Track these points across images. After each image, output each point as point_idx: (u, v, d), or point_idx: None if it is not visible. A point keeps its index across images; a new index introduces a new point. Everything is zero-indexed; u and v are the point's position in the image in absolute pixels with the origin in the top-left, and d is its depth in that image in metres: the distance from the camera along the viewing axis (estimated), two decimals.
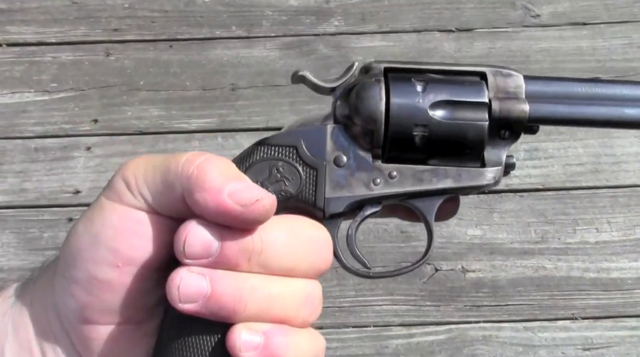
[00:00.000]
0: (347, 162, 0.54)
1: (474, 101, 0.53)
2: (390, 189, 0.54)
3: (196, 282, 0.46)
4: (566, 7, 1.79)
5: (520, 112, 0.54)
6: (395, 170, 0.54)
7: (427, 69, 0.55)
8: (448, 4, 1.80)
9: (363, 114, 0.53)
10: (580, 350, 1.39)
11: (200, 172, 0.46)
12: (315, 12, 1.78)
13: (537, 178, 1.55)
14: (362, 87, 0.54)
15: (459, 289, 1.44)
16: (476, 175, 0.55)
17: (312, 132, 0.55)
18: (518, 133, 0.55)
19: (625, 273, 1.46)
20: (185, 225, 0.46)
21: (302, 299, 0.50)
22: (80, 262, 0.47)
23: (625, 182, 1.55)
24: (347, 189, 0.54)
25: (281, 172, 0.53)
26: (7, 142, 1.60)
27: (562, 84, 0.56)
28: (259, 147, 0.54)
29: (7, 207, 1.52)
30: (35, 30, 1.75)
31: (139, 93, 1.66)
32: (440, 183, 0.54)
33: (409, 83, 0.54)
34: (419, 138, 0.53)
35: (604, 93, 0.55)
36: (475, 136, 0.53)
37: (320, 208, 0.53)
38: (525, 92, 0.55)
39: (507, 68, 0.56)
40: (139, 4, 1.79)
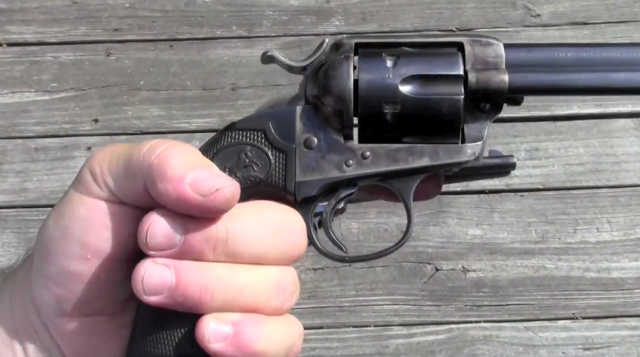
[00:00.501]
0: (318, 144, 0.51)
1: (448, 74, 0.51)
2: (363, 170, 0.52)
3: (160, 273, 0.45)
4: (567, 6, 1.79)
5: (500, 82, 0.51)
6: (368, 150, 0.51)
7: (401, 42, 0.53)
8: (448, 3, 1.80)
9: (331, 93, 0.51)
10: (580, 350, 1.39)
11: (161, 161, 0.45)
12: (316, 12, 1.78)
13: (537, 178, 1.55)
14: (330, 65, 0.52)
15: (459, 289, 1.44)
16: (454, 152, 0.52)
17: (280, 114, 0.53)
18: (499, 105, 0.52)
19: (625, 273, 1.46)
20: (148, 216, 0.46)
21: (273, 287, 0.48)
22: (52, 256, 0.47)
23: (626, 182, 1.55)
24: (318, 171, 0.51)
25: (249, 157, 0.51)
26: (8, 142, 1.60)
27: (545, 50, 0.53)
28: (227, 132, 0.52)
29: (8, 207, 1.52)
30: (36, 30, 1.75)
31: (139, 93, 1.66)
32: (416, 162, 0.52)
33: (379, 58, 0.51)
34: (391, 115, 0.51)
35: (590, 58, 0.52)
36: (451, 111, 0.51)
37: (291, 192, 0.51)
38: (505, 61, 0.52)
39: (487, 36, 0.53)
40: (140, 4, 1.79)
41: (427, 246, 1.48)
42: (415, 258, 1.46)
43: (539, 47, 0.53)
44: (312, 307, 1.41)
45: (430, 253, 1.47)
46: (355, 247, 1.45)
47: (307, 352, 1.39)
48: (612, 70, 0.52)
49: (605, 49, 0.53)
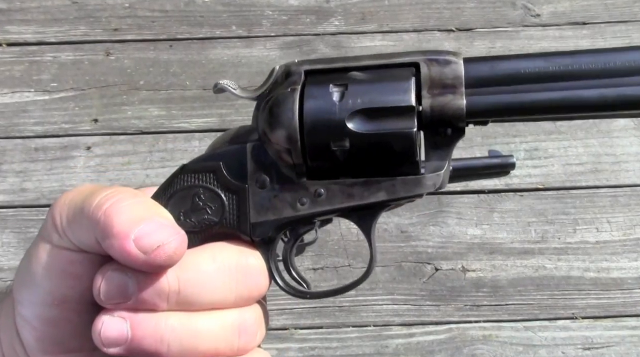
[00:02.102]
0: (271, 183, 0.49)
1: (398, 106, 0.47)
2: (318, 208, 0.49)
3: (117, 326, 0.46)
4: (566, 6, 1.79)
5: (456, 109, 0.47)
6: (322, 187, 0.49)
7: (352, 66, 0.49)
8: (448, 3, 1.80)
9: (277, 131, 0.48)
10: (580, 350, 1.39)
11: (107, 218, 0.45)
12: (316, 12, 1.78)
13: (537, 178, 1.55)
14: (275, 102, 0.49)
15: (459, 289, 1.44)
16: (412, 185, 0.48)
17: (231, 153, 0.50)
18: (460, 128, 0.48)
19: (625, 273, 1.46)
20: (100, 272, 0.46)
21: (234, 331, 0.48)
22: (24, 301, 0.48)
23: (626, 182, 1.55)
24: (272, 211, 0.49)
25: (203, 200, 0.50)
26: (7, 141, 1.60)
27: (509, 63, 0.47)
28: (179, 175, 0.51)
29: (7, 206, 1.52)
30: (35, 30, 1.75)
31: (139, 93, 1.66)
32: (372, 197, 0.49)
33: (325, 91, 0.48)
34: (340, 152, 0.48)
35: (559, 71, 0.46)
36: (403, 145, 0.47)
37: (247, 234, 0.50)
38: (465, 81, 0.47)
39: (446, 52, 0.49)
40: (139, 4, 1.79)
41: (426, 245, 1.48)
42: (414, 258, 1.46)
43: (502, 60, 0.48)
44: (311, 307, 1.41)
45: (429, 253, 1.47)
46: (355, 248, 1.45)
47: (306, 352, 1.39)
48: (584, 86, 0.46)
49: (575, 57, 0.47)
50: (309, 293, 0.55)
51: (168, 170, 1.55)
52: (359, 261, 1.45)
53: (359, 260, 1.45)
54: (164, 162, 1.57)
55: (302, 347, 1.39)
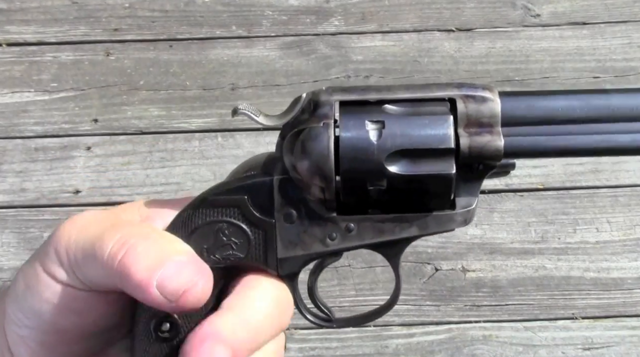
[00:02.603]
0: (299, 218, 0.48)
1: (438, 148, 0.46)
2: (348, 243, 0.49)
3: None
4: (566, 6, 1.79)
5: (495, 150, 0.46)
6: (352, 222, 0.48)
7: (385, 99, 0.47)
8: (448, 3, 1.80)
9: (310, 168, 0.46)
10: (580, 350, 1.39)
11: (123, 269, 0.44)
12: (316, 12, 1.78)
13: (537, 178, 1.55)
14: (309, 136, 0.46)
15: (459, 289, 1.44)
16: (444, 221, 0.49)
17: (257, 186, 0.48)
18: (493, 166, 0.48)
19: (625, 273, 1.46)
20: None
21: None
22: (24, 325, 0.48)
23: (625, 182, 1.55)
24: (300, 247, 0.48)
25: (227, 235, 0.48)
26: (7, 141, 1.60)
27: (545, 102, 0.47)
28: (199, 209, 0.48)
29: (7, 207, 1.52)
30: (36, 30, 1.75)
31: (139, 93, 1.66)
32: (404, 232, 0.48)
33: (362, 128, 0.46)
34: (376, 192, 0.47)
35: (593, 114, 0.46)
36: (441, 187, 0.47)
37: (274, 269, 0.48)
38: (501, 121, 0.46)
39: (481, 88, 0.47)
40: (139, 4, 1.79)
41: (426, 246, 1.48)
42: (414, 258, 1.46)
43: (539, 97, 0.47)
44: (311, 307, 1.41)
45: (429, 253, 1.47)
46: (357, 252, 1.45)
47: (307, 352, 1.39)
48: (617, 130, 0.46)
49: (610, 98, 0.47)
50: (334, 322, 0.54)
51: (168, 170, 1.55)
52: (359, 261, 1.45)
53: (359, 260, 1.45)
54: (164, 162, 1.57)
55: (302, 348, 1.39)
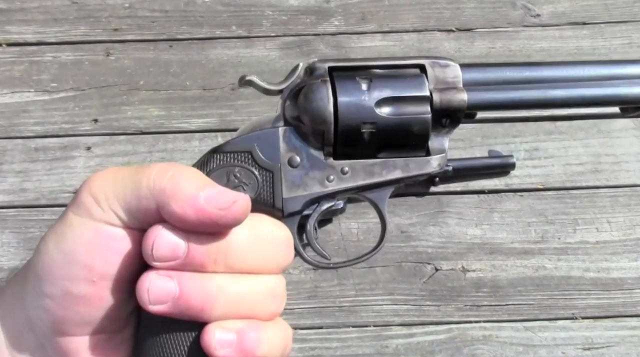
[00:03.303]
0: (301, 162, 0.56)
1: (417, 95, 0.56)
2: (343, 184, 0.56)
3: (164, 284, 0.47)
4: (566, 6, 1.79)
5: (460, 101, 0.56)
6: (347, 166, 0.56)
7: (369, 65, 0.57)
8: (448, 3, 1.80)
9: (313, 115, 0.55)
10: (580, 350, 1.39)
11: (173, 184, 0.47)
12: (316, 12, 1.78)
13: (537, 178, 1.55)
14: (310, 89, 0.55)
15: (459, 289, 1.44)
16: (422, 164, 0.57)
17: (264, 135, 0.56)
18: (458, 120, 0.58)
19: (625, 273, 1.46)
20: (153, 230, 0.47)
21: (268, 295, 0.51)
22: (54, 279, 0.48)
23: (626, 182, 1.55)
24: (302, 188, 0.56)
25: (238, 178, 0.55)
26: (7, 141, 1.60)
27: (495, 70, 0.58)
28: (214, 155, 0.55)
29: (7, 207, 1.52)
30: (35, 30, 1.75)
31: (139, 93, 1.66)
32: (390, 174, 0.57)
33: (354, 81, 0.55)
34: (368, 134, 0.55)
35: (533, 76, 0.58)
36: (420, 128, 0.56)
37: (279, 208, 0.55)
38: (462, 81, 0.57)
39: (443, 58, 0.58)
40: (139, 4, 1.79)
41: (426, 246, 1.48)
42: (414, 258, 1.46)
43: (490, 66, 0.59)
44: (311, 307, 1.41)
45: (429, 253, 1.47)
46: (355, 247, 1.45)
47: (306, 352, 1.39)
48: (552, 87, 0.58)
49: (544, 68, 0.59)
50: (331, 262, 0.60)
51: None
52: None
53: None
54: (164, 162, 1.57)
55: (302, 348, 1.39)
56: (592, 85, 0.58)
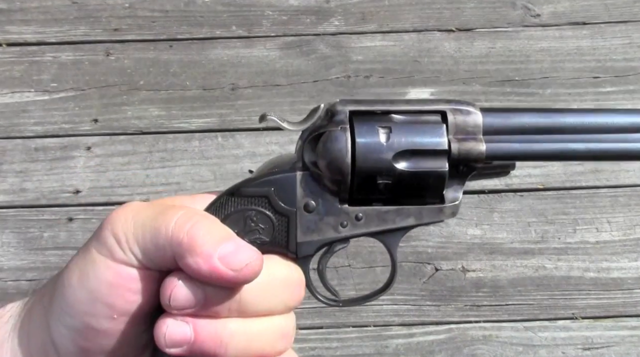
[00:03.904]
0: (317, 208, 0.56)
1: (435, 149, 0.56)
2: (356, 230, 0.57)
3: (181, 329, 0.50)
4: (566, 6, 1.79)
5: (478, 153, 0.56)
6: (361, 212, 0.57)
7: (390, 110, 0.57)
8: (448, 3, 1.80)
9: (330, 164, 0.55)
10: (580, 350, 1.39)
11: (190, 238, 0.49)
12: (316, 12, 1.78)
13: (537, 178, 1.55)
14: (329, 138, 0.55)
15: (459, 289, 1.44)
16: (436, 213, 0.58)
17: (282, 180, 0.56)
18: (474, 168, 0.58)
19: (625, 273, 1.46)
20: (170, 280, 0.50)
21: (278, 335, 0.53)
22: (76, 314, 0.50)
23: (626, 182, 1.55)
24: (317, 233, 0.57)
25: (255, 221, 0.56)
26: (7, 141, 1.60)
27: (516, 116, 0.58)
28: (232, 198, 0.56)
29: (7, 206, 1.52)
30: (36, 30, 1.75)
31: (139, 93, 1.66)
32: (403, 222, 0.58)
33: (373, 131, 0.56)
34: (384, 185, 0.56)
35: (555, 124, 0.58)
36: (436, 181, 0.56)
37: (293, 252, 0.56)
38: (483, 130, 0.57)
39: (466, 103, 0.58)
40: (139, 4, 1.79)
41: (426, 246, 1.48)
42: (415, 258, 1.46)
43: (511, 112, 0.58)
44: (312, 307, 1.41)
45: (430, 253, 1.47)
46: (355, 248, 1.45)
47: (307, 352, 1.39)
48: (573, 140, 0.58)
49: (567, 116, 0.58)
50: (341, 301, 0.62)
51: (168, 171, 1.55)
52: (359, 261, 1.45)
53: (358, 260, 1.45)
54: (164, 162, 1.57)
55: (302, 348, 1.39)
56: (614, 139, 0.58)
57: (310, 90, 1.64)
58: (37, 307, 0.53)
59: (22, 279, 1.45)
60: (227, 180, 1.54)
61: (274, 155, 1.59)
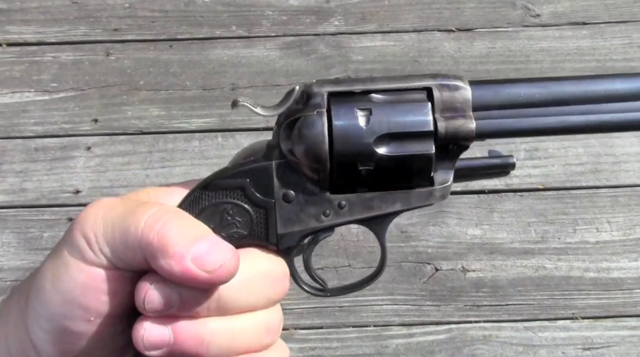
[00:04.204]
0: (296, 198, 0.53)
1: (419, 131, 0.52)
2: (340, 218, 0.54)
3: (159, 332, 0.48)
4: (566, 6, 1.79)
5: (468, 131, 0.53)
6: (344, 200, 0.53)
7: (371, 89, 0.53)
8: (448, 3, 1.80)
9: (307, 152, 0.51)
10: (580, 350, 1.39)
11: (161, 239, 0.47)
12: (316, 12, 1.78)
13: (537, 178, 1.55)
14: (305, 124, 0.51)
15: (459, 289, 1.44)
16: (424, 196, 0.54)
17: (257, 170, 0.53)
18: (466, 147, 0.54)
19: (625, 273, 1.46)
20: (143, 284, 0.48)
21: (263, 330, 0.51)
22: (52, 316, 0.49)
23: (626, 182, 1.55)
24: (298, 223, 0.53)
25: (231, 215, 0.53)
26: (8, 141, 1.60)
27: (509, 87, 0.54)
28: (205, 192, 0.53)
29: (7, 207, 1.52)
30: (36, 30, 1.75)
31: (139, 93, 1.66)
32: (389, 207, 0.54)
33: (352, 115, 0.51)
34: (365, 171, 0.52)
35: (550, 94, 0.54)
36: (422, 165, 0.52)
37: (274, 244, 0.53)
38: (472, 106, 0.53)
39: (453, 77, 0.53)
40: (139, 4, 1.79)
41: (426, 246, 1.48)
42: (414, 258, 1.46)
43: (503, 85, 0.54)
44: (311, 307, 1.41)
45: (429, 253, 1.47)
46: (354, 248, 1.45)
47: (306, 352, 1.39)
48: (571, 112, 0.54)
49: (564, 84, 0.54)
50: (328, 291, 0.59)
51: (168, 171, 1.55)
52: (359, 261, 1.45)
53: (359, 260, 1.45)
54: (164, 162, 1.57)
55: (302, 348, 1.39)
56: (615, 109, 0.54)
57: None
58: (14, 309, 0.52)
59: (22, 279, 1.45)
60: None
61: None
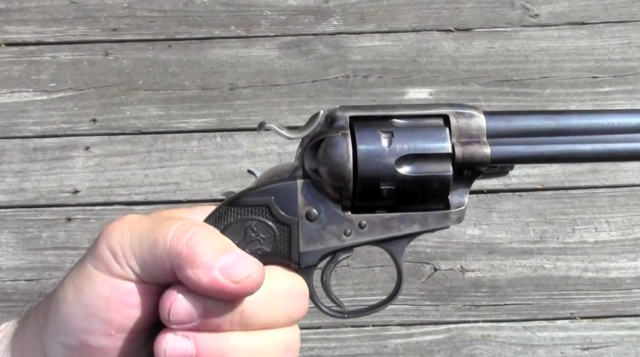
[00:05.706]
0: (319, 216, 0.55)
1: (438, 153, 0.55)
2: (360, 238, 0.56)
3: (182, 345, 0.48)
4: (565, 6, 1.79)
5: (483, 156, 0.55)
6: (364, 220, 0.55)
7: (391, 114, 0.55)
8: (447, 3, 1.80)
9: (331, 171, 0.53)
10: (579, 350, 1.39)
11: (189, 249, 0.47)
12: (314, 12, 1.78)
13: (536, 178, 1.55)
14: (329, 144, 0.54)
15: (457, 289, 1.44)
16: (441, 219, 0.57)
17: (282, 188, 0.55)
18: (480, 173, 0.57)
19: (624, 273, 1.46)
20: (169, 294, 0.48)
21: (282, 348, 0.52)
22: (72, 330, 0.49)
23: (624, 182, 1.55)
24: (319, 242, 0.55)
25: (255, 232, 0.54)
26: (6, 141, 1.59)
27: (520, 119, 0.57)
28: (231, 208, 0.54)
29: (6, 206, 1.52)
30: (34, 30, 1.75)
31: (137, 93, 1.66)
32: (407, 229, 0.56)
33: (374, 137, 0.54)
34: (387, 191, 0.54)
35: (559, 126, 0.57)
36: (441, 186, 0.55)
37: (296, 262, 0.55)
38: (486, 133, 0.56)
39: (468, 106, 0.56)
40: (138, 4, 1.79)
41: (425, 246, 1.48)
42: (413, 258, 1.46)
43: (515, 115, 0.57)
44: (310, 307, 1.41)
45: (428, 253, 1.47)
46: (359, 249, 1.45)
47: (305, 352, 1.39)
48: (578, 141, 0.57)
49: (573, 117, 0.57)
50: (346, 312, 0.62)
51: (166, 170, 1.55)
52: (357, 261, 1.45)
53: (357, 260, 1.45)
54: (163, 162, 1.57)
55: (301, 348, 1.38)
56: (619, 139, 0.57)
57: (309, 90, 1.64)
58: (31, 326, 0.52)
59: (21, 279, 1.45)
60: (225, 180, 1.54)
61: (272, 155, 1.60)
